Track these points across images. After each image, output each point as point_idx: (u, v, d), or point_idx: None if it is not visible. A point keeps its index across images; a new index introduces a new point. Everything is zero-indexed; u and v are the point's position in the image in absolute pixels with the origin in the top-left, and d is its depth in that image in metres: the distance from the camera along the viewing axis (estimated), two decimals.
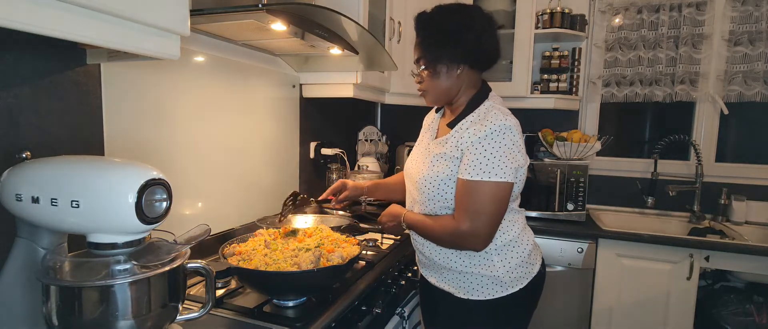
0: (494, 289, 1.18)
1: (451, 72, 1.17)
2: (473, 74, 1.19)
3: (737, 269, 1.89)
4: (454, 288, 1.22)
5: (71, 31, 0.62)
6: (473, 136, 1.10)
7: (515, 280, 1.18)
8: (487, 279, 1.18)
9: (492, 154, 1.07)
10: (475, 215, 1.08)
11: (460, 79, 1.18)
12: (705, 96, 2.35)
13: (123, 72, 1.10)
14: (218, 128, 1.46)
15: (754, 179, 2.31)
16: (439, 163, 1.17)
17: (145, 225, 0.70)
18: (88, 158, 0.80)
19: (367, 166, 2.28)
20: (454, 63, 1.16)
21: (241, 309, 1.04)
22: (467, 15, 1.15)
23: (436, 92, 1.20)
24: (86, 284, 0.69)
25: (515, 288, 1.18)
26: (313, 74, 1.87)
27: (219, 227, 1.46)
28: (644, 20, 2.35)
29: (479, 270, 1.17)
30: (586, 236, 2.02)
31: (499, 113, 1.11)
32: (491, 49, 1.18)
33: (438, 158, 1.18)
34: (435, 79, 1.18)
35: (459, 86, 1.19)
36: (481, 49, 1.15)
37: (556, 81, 2.43)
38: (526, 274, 1.20)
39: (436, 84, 1.19)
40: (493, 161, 1.06)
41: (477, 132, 1.09)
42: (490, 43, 1.17)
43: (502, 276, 1.17)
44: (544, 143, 2.28)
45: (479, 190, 1.08)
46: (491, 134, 1.07)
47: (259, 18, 1.12)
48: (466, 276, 1.19)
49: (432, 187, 1.17)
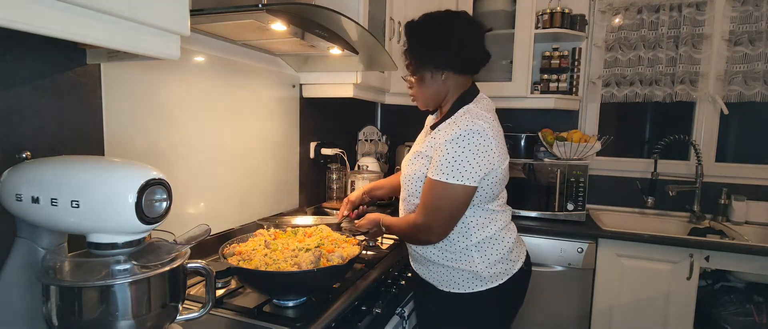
0: (473, 283, 1.23)
1: (436, 77, 1.23)
2: (460, 78, 1.24)
3: (737, 269, 1.89)
4: (436, 280, 1.28)
5: (71, 31, 0.62)
6: (442, 138, 1.14)
7: (495, 276, 1.23)
8: (466, 274, 1.22)
9: (455, 157, 1.11)
10: (432, 211, 1.15)
11: (446, 84, 1.23)
12: (705, 96, 2.34)
13: (123, 72, 1.10)
14: (218, 128, 1.46)
15: (754, 179, 2.31)
16: (417, 161, 1.23)
17: (145, 225, 0.70)
18: (88, 158, 0.80)
19: (367, 166, 2.28)
20: (438, 69, 1.22)
21: (241, 309, 1.04)
22: (450, 22, 1.20)
23: (423, 96, 1.27)
24: (86, 284, 0.69)
25: (494, 283, 1.23)
26: (313, 74, 1.87)
27: (219, 227, 1.46)
28: (644, 20, 2.35)
29: (459, 264, 1.22)
30: (586, 236, 2.02)
31: (469, 117, 1.14)
32: (476, 55, 1.22)
33: (416, 157, 1.24)
34: (422, 84, 1.25)
35: (446, 90, 1.24)
36: (464, 55, 1.20)
37: (556, 81, 2.43)
38: (506, 270, 1.24)
39: (423, 89, 1.26)
40: (456, 164, 1.11)
41: (446, 135, 1.14)
42: (475, 48, 1.21)
43: (480, 271, 1.21)
44: (544, 143, 2.28)
45: (439, 189, 1.13)
46: (458, 138, 1.11)
47: (259, 18, 1.11)
48: (448, 270, 1.24)
49: (410, 184, 1.24)
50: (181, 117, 1.30)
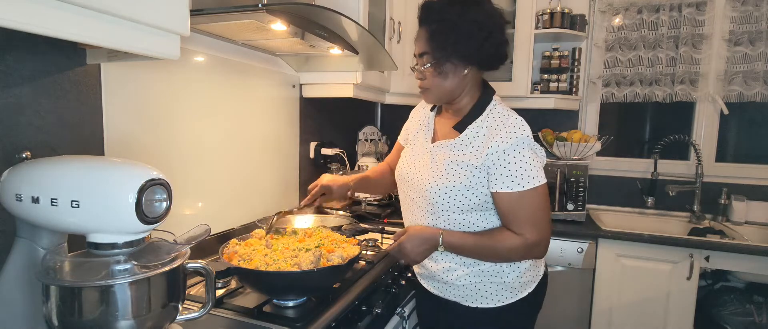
0: (504, 295, 1.15)
1: (457, 72, 1.09)
2: (479, 75, 1.15)
3: (737, 269, 1.89)
4: (461, 297, 1.18)
5: (71, 31, 0.62)
6: (502, 144, 1.04)
7: (524, 284, 1.16)
8: (496, 286, 1.14)
9: (528, 161, 1.04)
10: (537, 224, 1.06)
11: (466, 80, 1.11)
12: (705, 96, 2.34)
13: (123, 72, 1.10)
14: (218, 128, 1.46)
15: (754, 179, 2.31)
16: (458, 172, 1.09)
17: (145, 225, 0.70)
18: (88, 158, 0.80)
19: (367, 166, 2.28)
20: (462, 63, 1.08)
21: (241, 309, 1.04)
22: (480, 10, 1.06)
23: (439, 91, 1.12)
24: (86, 284, 0.69)
25: (524, 292, 1.16)
26: (313, 74, 1.87)
27: (219, 227, 1.46)
28: (644, 20, 2.35)
29: (488, 278, 1.14)
30: (586, 237, 2.02)
31: (517, 118, 1.09)
32: (502, 50, 1.11)
33: (454, 165, 1.10)
34: (439, 78, 1.10)
35: (464, 86, 1.12)
36: (492, 49, 1.08)
37: (556, 81, 2.43)
38: (533, 277, 1.18)
39: (439, 83, 1.11)
40: (530, 168, 1.04)
41: (505, 140, 1.04)
42: (502, 42, 1.10)
43: (512, 282, 1.14)
44: (544, 143, 2.28)
45: (529, 199, 1.05)
46: (524, 142, 1.04)
47: (259, 18, 1.11)
48: (475, 285, 1.15)
49: (448, 196, 1.10)
50: (181, 117, 1.30)
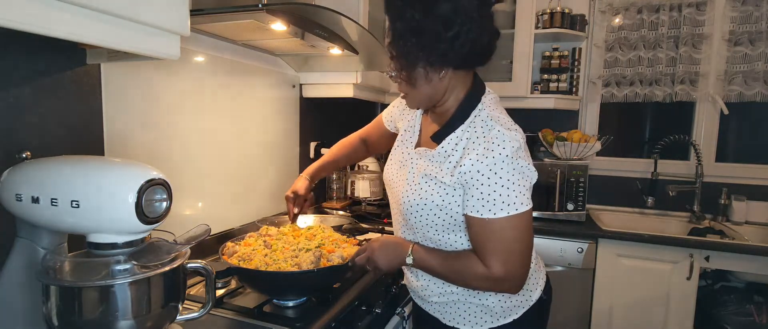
0: (483, 319, 1.02)
1: (431, 77, 0.93)
2: (462, 73, 0.97)
3: (737, 269, 1.89)
4: (439, 313, 1.08)
5: (71, 31, 0.62)
6: (478, 163, 0.88)
7: (508, 310, 1.02)
8: (476, 308, 1.02)
9: (507, 182, 0.87)
10: (507, 259, 0.89)
11: (445, 82, 0.95)
12: (705, 96, 2.34)
13: (123, 72, 1.10)
14: (218, 128, 1.46)
15: (754, 179, 2.31)
16: (429, 187, 0.96)
17: (145, 225, 0.70)
18: (88, 158, 0.80)
19: (367, 166, 2.28)
20: (434, 67, 0.92)
21: (241, 309, 1.04)
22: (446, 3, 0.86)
23: (417, 98, 0.99)
24: (86, 284, 0.69)
25: (507, 319, 1.02)
26: (313, 74, 1.87)
27: (219, 227, 1.46)
28: (644, 20, 2.35)
29: (467, 297, 1.02)
30: (586, 236, 2.02)
31: (502, 129, 0.89)
32: (479, 46, 0.91)
33: (426, 180, 0.97)
34: (412, 85, 0.96)
35: (444, 89, 0.96)
36: (464, 48, 0.89)
37: (556, 81, 2.43)
38: (521, 302, 1.03)
39: (414, 91, 0.97)
40: (509, 191, 0.87)
41: (482, 158, 0.87)
42: (478, 38, 0.89)
43: (492, 306, 1.01)
44: (544, 143, 2.28)
45: (500, 229, 0.88)
46: (504, 161, 0.87)
47: (259, 18, 1.12)
48: (454, 303, 1.04)
49: (422, 213, 0.98)
50: (181, 117, 1.30)
